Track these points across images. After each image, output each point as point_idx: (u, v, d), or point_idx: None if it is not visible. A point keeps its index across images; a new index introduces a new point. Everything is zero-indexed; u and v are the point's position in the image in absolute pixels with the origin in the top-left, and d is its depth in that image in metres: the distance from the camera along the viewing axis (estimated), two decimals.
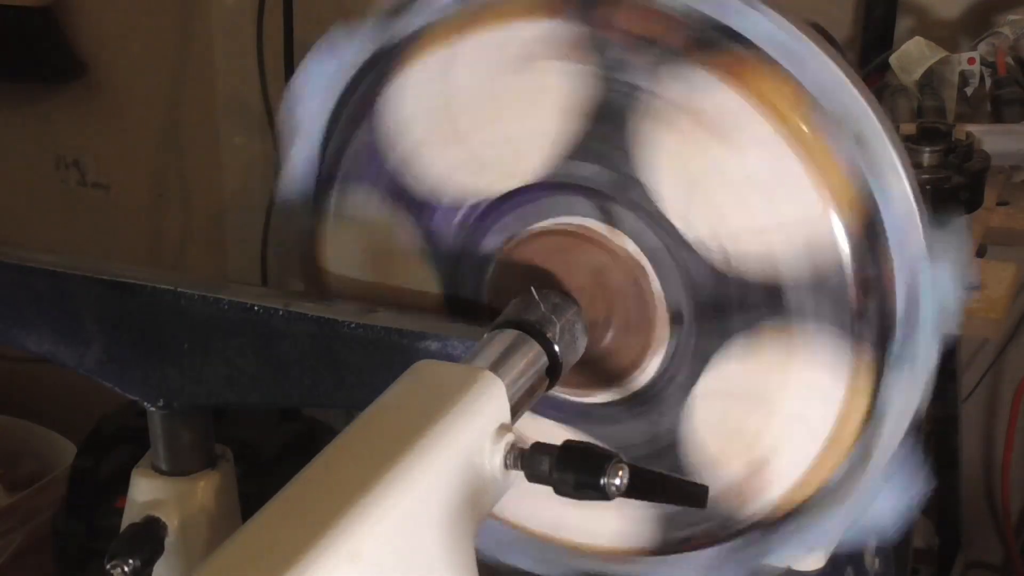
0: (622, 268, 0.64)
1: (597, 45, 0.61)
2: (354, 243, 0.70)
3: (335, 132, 0.69)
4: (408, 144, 0.67)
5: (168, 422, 0.66)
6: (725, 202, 0.60)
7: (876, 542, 1.04)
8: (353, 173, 0.68)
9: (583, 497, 0.52)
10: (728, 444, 0.64)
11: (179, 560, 0.62)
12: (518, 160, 0.64)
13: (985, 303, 0.99)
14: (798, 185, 0.59)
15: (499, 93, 0.64)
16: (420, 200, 0.67)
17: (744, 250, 0.60)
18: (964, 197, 1.09)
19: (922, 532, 1.71)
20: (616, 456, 0.52)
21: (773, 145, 0.59)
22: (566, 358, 0.61)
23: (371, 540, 0.45)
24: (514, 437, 0.54)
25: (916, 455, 0.63)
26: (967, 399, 1.73)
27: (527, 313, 0.61)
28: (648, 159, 0.61)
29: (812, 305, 0.60)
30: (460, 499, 0.51)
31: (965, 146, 1.11)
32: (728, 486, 0.64)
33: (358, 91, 0.67)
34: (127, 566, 0.59)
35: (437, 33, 0.65)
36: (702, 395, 0.64)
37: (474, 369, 0.55)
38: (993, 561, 1.83)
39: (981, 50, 1.41)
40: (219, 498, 0.64)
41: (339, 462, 0.49)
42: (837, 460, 0.63)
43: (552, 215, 0.65)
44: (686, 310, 0.63)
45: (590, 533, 0.69)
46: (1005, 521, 1.77)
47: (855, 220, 0.59)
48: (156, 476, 0.64)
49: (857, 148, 0.59)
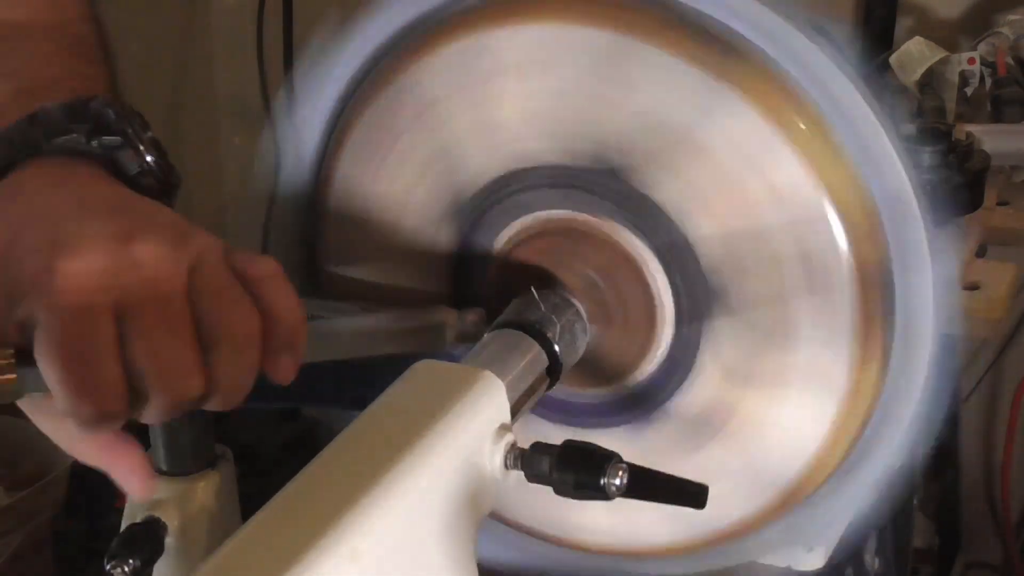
0: (622, 267, 0.64)
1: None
2: (354, 239, 0.70)
3: (337, 129, 0.69)
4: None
5: (168, 422, 0.66)
6: (724, 200, 0.60)
7: (876, 542, 1.04)
8: (355, 170, 0.68)
9: (583, 497, 0.52)
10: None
11: (179, 560, 0.62)
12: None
13: (985, 303, 0.99)
14: (798, 184, 0.59)
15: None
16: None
17: (744, 249, 0.60)
18: (964, 197, 1.09)
19: (922, 532, 1.72)
20: (616, 456, 0.52)
21: (772, 144, 0.59)
22: (566, 358, 0.61)
23: (371, 540, 0.45)
24: (514, 437, 0.54)
25: (917, 453, 0.64)
26: (967, 399, 1.73)
27: (527, 313, 0.61)
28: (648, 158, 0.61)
29: (813, 305, 0.60)
30: (460, 499, 0.51)
31: (965, 146, 1.11)
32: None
33: (362, 85, 0.67)
34: (127, 566, 0.59)
35: (459, 24, 0.64)
36: (703, 393, 0.64)
37: (474, 369, 0.55)
38: (993, 561, 1.83)
39: (981, 50, 1.41)
40: (219, 498, 0.65)
41: (339, 462, 0.49)
42: (838, 459, 0.64)
43: (552, 213, 0.65)
44: (686, 309, 0.63)
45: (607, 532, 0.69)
46: (1005, 521, 1.76)
47: (855, 220, 0.59)
48: (156, 476, 0.64)
49: (856, 148, 0.60)
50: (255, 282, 0.54)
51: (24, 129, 0.58)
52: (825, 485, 0.64)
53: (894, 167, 0.59)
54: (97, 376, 0.50)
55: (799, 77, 0.59)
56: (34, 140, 0.58)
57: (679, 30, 0.60)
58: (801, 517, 0.65)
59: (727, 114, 0.58)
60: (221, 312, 0.52)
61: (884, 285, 0.60)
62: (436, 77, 0.64)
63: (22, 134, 0.58)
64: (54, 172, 0.57)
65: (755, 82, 0.59)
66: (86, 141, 0.58)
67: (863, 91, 0.59)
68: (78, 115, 0.59)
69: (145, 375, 0.51)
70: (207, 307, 0.52)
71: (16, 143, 0.58)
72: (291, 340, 0.54)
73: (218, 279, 0.53)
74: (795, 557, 0.68)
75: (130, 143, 0.59)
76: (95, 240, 0.51)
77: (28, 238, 0.52)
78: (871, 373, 0.61)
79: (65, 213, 0.54)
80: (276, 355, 0.54)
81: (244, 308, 0.52)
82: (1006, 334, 1.70)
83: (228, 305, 0.52)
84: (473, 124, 0.64)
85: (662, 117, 0.60)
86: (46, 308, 0.50)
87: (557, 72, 0.61)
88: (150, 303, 0.51)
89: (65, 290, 0.50)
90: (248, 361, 0.53)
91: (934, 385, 0.62)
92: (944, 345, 0.61)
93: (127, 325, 0.50)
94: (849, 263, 0.59)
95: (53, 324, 0.50)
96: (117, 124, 0.59)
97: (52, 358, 0.50)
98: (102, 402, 0.50)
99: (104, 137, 0.59)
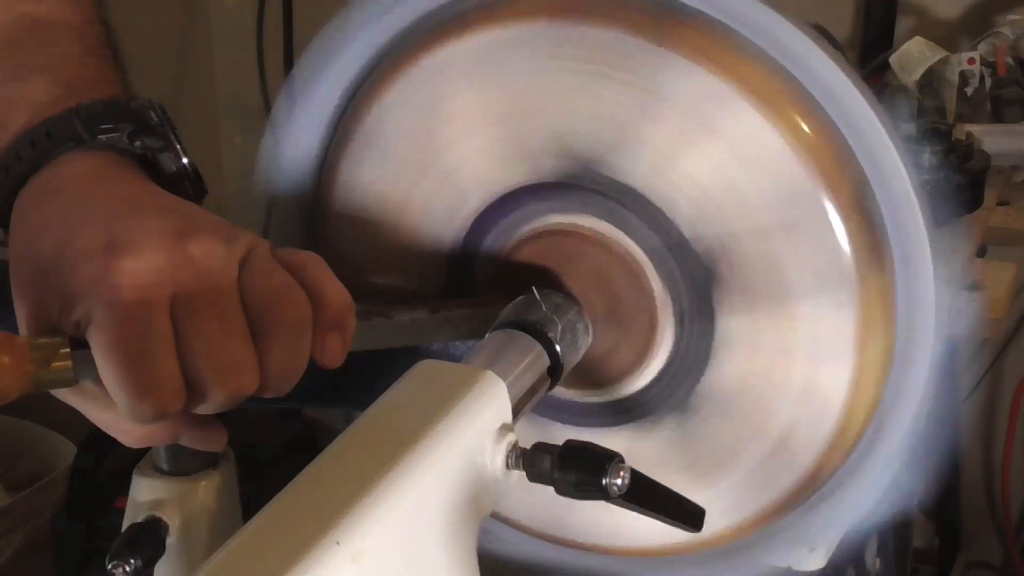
0: (623, 268, 0.64)
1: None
2: (355, 241, 0.70)
3: (339, 130, 0.69)
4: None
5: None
6: (724, 202, 0.60)
7: (876, 542, 1.04)
8: (357, 171, 0.68)
9: (584, 497, 0.52)
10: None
11: (181, 560, 0.62)
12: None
13: (985, 303, 0.99)
14: (798, 184, 0.59)
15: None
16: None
17: (745, 250, 0.60)
18: (964, 197, 1.09)
19: (922, 532, 1.72)
20: (618, 456, 0.52)
21: (773, 145, 0.58)
22: (567, 358, 0.61)
23: (372, 540, 0.45)
24: (515, 437, 0.54)
25: (918, 453, 0.64)
26: (967, 399, 1.73)
27: (529, 313, 0.61)
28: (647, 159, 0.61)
29: (813, 305, 0.60)
30: (461, 499, 0.51)
31: (965, 146, 1.11)
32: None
33: (364, 85, 0.67)
34: (128, 566, 0.59)
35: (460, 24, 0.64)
36: (704, 394, 0.64)
37: (476, 369, 0.55)
38: (993, 561, 1.83)
39: (981, 50, 1.41)
40: (220, 498, 0.64)
41: (340, 462, 0.49)
42: (838, 458, 0.64)
43: (553, 214, 0.65)
44: (687, 310, 0.63)
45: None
46: (1005, 521, 1.77)
47: (855, 220, 0.59)
48: (157, 476, 0.64)
49: (857, 148, 0.60)
50: (302, 269, 0.54)
51: (65, 121, 0.58)
52: (825, 486, 0.64)
53: (896, 170, 0.59)
54: (154, 374, 0.51)
55: (799, 78, 0.59)
56: (76, 133, 0.58)
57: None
58: (805, 516, 0.65)
59: (674, 76, 0.58)
60: (274, 301, 0.53)
61: (885, 285, 0.60)
62: (436, 78, 0.64)
63: (63, 126, 0.58)
64: (97, 169, 0.58)
65: (698, 41, 0.59)
66: (128, 141, 0.58)
67: (864, 91, 0.59)
68: (121, 114, 0.59)
69: (202, 372, 0.51)
70: (260, 298, 0.52)
71: (56, 135, 0.58)
72: (340, 321, 0.55)
73: (268, 270, 0.53)
74: (796, 557, 0.68)
75: (170, 146, 0.59)
76: (151, 237, 0.52)
77: (82, 240, 0.52)
78: (874, 370, 0.61)
79: (116, 212, 0.54)
80: (325, 336, 0.54)
81: (295, 295, 0.53)
82: (1006, 334, 1.70)
83: (280, 294, 0.53)
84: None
85: (609, 99, 0.60)
86: (103, 306, 0.50)
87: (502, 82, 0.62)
88: (205, 300, 0.51)
89: (122, 287, 0.50)
90: (301, 347, 0.53)
91: (938, 384, 0.62)
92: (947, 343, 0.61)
93: (183, 323, 0.51)
94: (851, 264, 0.59)
95: (111, 322, 0.50)
96: (159, 127, 0.60)
97: (110, 356, 0.50)
98: (160, 399, 0.51)
99: (147, 138, 0.59)
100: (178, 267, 0.51)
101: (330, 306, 0.54)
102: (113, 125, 0.59)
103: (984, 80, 1.40)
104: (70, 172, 0.57)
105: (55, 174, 0.58)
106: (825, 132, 0.59)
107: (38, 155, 0.58)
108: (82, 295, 0.51)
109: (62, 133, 0.58)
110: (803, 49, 0.59)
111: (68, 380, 0.52)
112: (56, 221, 0.55)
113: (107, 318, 0.50)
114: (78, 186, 0.57)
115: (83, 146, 0.58)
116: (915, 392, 0.62)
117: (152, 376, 0.50)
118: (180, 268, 0.51)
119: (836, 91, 0.59)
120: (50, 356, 0.51)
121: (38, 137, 0.58)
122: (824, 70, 0.59)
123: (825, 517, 0.66)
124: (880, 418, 0.63)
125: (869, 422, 0.63)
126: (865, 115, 0.59)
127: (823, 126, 0.59)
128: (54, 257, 0.53)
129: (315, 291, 0.54)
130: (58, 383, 0.52)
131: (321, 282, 0.55)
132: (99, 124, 0.58)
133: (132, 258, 0.51)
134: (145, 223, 0.53)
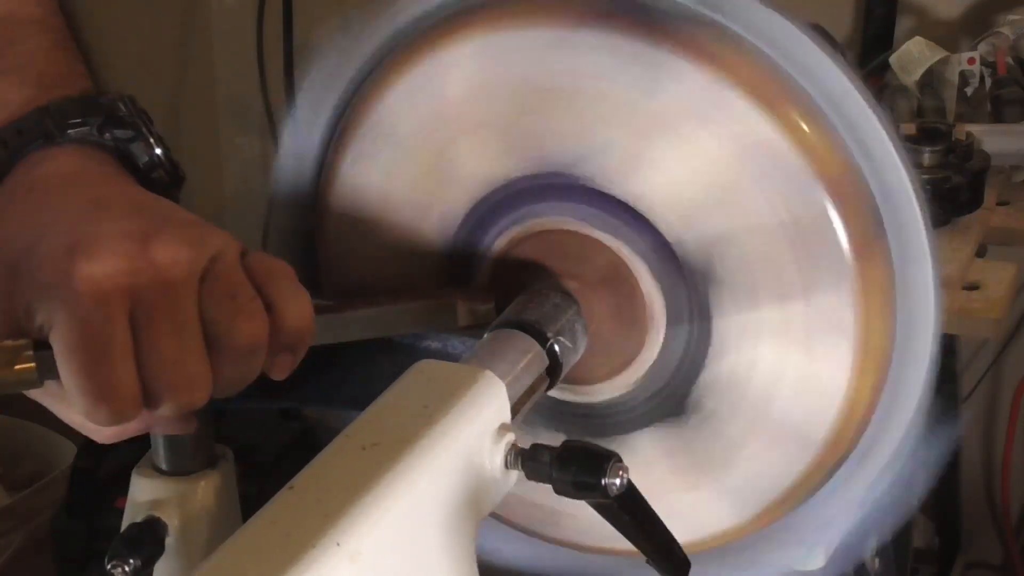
0: (621, 268, 0.64)
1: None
2: (354, 239, 0.70)
3: (339, 129, 0.69)
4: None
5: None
6: (724, 200, 0.60)
7: (876, 542, 1.04)
8: (357, 170, 0.68)
9: (584, 496, 0.52)
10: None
11: (180, 560, 0.62)
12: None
13: (985, 303, 0.99)
14: (797, 184, 0.59)
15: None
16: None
17: (743, 251, 0.60)
18: (964, 197, 1.09)
19: (922, 532, 1.71)
20: (616, 456, 0.52)
21: (771, 145, 0.59)
22: (566, 358, 0.61)
23: (371, 540, 0.45)
24: (514, 437, 0.54)
25: (918, 452, 0.64)
26: (967, 399, 1.73)
27: (527, 313, 0.61)
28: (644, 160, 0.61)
29: (812, 304, 0.60)
30: (460, 499, 0.51)
31: (965, 146, 1.11)
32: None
33: (364, 84, 0.67)
34: (128, 566, 0.59)
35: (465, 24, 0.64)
36: (703, 393, 0.64)
37: (474, 369, 0.55)
38: (993, 561, 1.83)
39: (981, 50, 1.41)
40: (220, 498, 0.65)
41: (339, 462, 0.49)
42: (838, 457, 0.64)
43: (552, 214, 0.65)
44: (684, 311, 0.63)
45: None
46: (1005, 521, 1.77)
47: (855, 218, 0.59)
48: (157, 476, 0.64)
49: (857, 149, 0.60)
50: (267, 282, 0.54)
51: (36, 120, 0.59)
52: (825, 483, 0.64)
53: (896, 170, 0.59)
54: (111, 380, 0.51)
55: (799, 78, 0.59)
56: (47, 130, 0.58)
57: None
58: (804, 516, 0.65)
59: (673, 76, 0.58)
60: (230, 321, 0.53)
61: (885, 286, 0.60)
62: (436, 77, 0.64)
63: (34, 124, 0.59)
64: (67, 166, 0.58)
65: (694, 40, 0.59)
66: (99, 134, 0.59)
67: (863, 91, 0.59)
68: (91, 109, 0.60)
69: (157, 383, 0.52)
70: (218, 316, 0.52)
71: (28, 133, 0.58)
72: (295, 344, 0.55)
73: (231, 283, 0.53)
74: (795, 557, 0.68)
75: (141, 136, 0.59)
76: (112, 241, 0.52)
77: (47, 242, 0.53)
78: (874, 369, 0.61)
79: (84, 214, 0.54)
80: (277, 355, 0.54)
81: (252, 317, 0.53)
82: (1006, 334, 1.70)
83: (237, 315, 0.53)
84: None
85: (608, 100, 0.60)
86: (63, 309, 0.51)
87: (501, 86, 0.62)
88: (163, 310, 0.51)
89: (82, 291, 0.50)
90: (253, 367, 0.54)
91: (934, 383, 0.62)
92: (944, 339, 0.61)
93: (141, 331, 0.51)
94: (851, 264, 0.59)
95: (70, 326, 0.50)
96: (129, 118, 0.60)
97: (68, 360, 0.50)
98: (116, 405, 0.51)
99: (116, 130, 0.59)
100: (139, 272, 0.51)
101: (287, 329, 0.54)
102: (82, 120, 0.59)
103: (984, 80, 1.40)
104: (45, 171, 0.58)
105: (30, 174, 0.58)
106: (824, 131, 0.59)
107: (10, 154, 0.58)
108: (45, 298, 0.51)
109: (33, 131, 0.59)
110: (802, 48, 0.59)
111: (32, 382, 0.52)
112: (27, 222, 0.55)
113: (66, 321, 0.50)
114: (52, 186, 0.57)
115: (53, 142, 0.58)
116: (914, 390, 0.62)
117: (109, 382, 0.51)
118: (141, 273, 0.51)
119: (835, 90, 0.59)
120: (14, 358, 0.52)
121: (9, 136, 0.58)
122: (823, 69, 0.59)
123: (824, 517, 0.66)
124: (879, 417, 0.63)
125: (868, 421, 0.63)
126: (865, 115, 0.59)
127: (822, 125, 0.59)
128: (21, 259, 0.53)
129: (275, 308, 0.54)
130: (22, 385, 0.53)
131: (283, 297, 0.55)
132: (68, 120, 0.59)
133: (93, 262, 0.51)
134: (110, 226, 0.53)
